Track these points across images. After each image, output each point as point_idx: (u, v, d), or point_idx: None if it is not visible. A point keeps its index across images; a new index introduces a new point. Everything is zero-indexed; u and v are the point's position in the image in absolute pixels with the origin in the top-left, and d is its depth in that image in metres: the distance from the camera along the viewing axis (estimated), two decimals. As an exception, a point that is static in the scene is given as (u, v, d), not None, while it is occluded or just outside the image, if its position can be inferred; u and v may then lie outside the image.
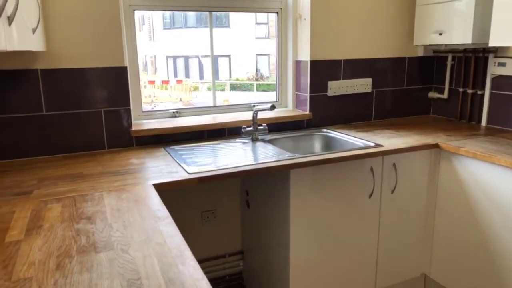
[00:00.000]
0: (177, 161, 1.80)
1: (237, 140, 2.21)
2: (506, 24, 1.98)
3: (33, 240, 1.09)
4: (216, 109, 2.44)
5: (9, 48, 1.06)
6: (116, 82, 2.01)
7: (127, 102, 2.05)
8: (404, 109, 2.75)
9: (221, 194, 2.35)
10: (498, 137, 2.17)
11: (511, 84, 2.30)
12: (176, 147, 2.04)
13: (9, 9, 1.03)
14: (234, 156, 1.94)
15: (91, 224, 1.17)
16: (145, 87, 9.92)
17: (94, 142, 2.01)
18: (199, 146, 2.09)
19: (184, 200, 2.26)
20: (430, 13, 2.43)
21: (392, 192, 2.05)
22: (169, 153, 1.94)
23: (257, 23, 12.75)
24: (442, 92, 2.71)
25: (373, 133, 2.30)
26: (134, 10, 2.13)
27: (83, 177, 1.62)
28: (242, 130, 2.20)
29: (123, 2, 2.04)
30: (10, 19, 1.03)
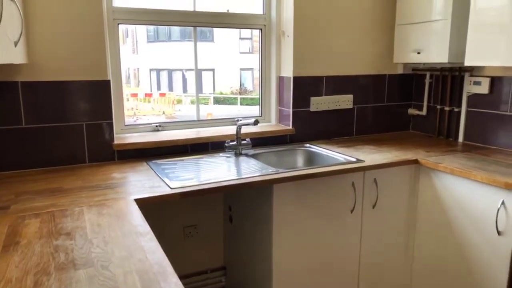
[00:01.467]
0: (160, 175, 1.79)
1: (221, 154, 2.21)
2: (480, 44, 2.06)
3: (10, 256, 1.06)
4: (199, 123, 2.44)
5: (-10, 61, 1.04)
6: (98, 96, 1.99)
7: (109, 116, 2.04)
8: (384, 125, 2.81)
9: (203, 209, 2.34)
10: (474, 153, 2.23)
11: (486, 102, 2.39)
12: (159, 161, 2.03)
13: (-9, 22, 1.02)
14: (217, 171, 1.94)
15: (71, 240, 1.15)
16: (128, 99, 9.83)
17: (75, 156, 1.98)
18: (182, 160, 2.08)
19: (166, 215, 2.24)
20: (409, 33, 2.52)
21: (374, 207, 2.08)
22: (151, 168, 1.92)
23: (241, 38, 12.88)
24: (421, 109, 2.79)
25: (355, 149, 2.34)
26: (119, 24, 2.13)
27: (63, 191, 1.59)
28: (226, 144, 2.21)
29: (107, 16, 2.04)
30: (-8, 32, 1.02)
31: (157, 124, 2.32)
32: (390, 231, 2.18)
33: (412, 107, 2.86)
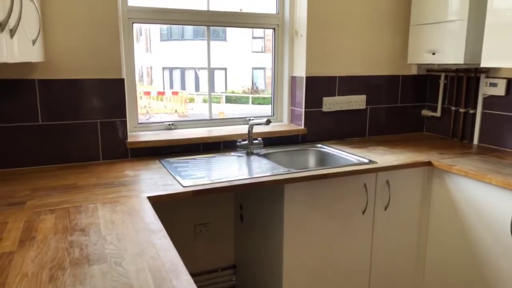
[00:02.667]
0: (172, 173, 1.80)
1: (232, 153, 2.22)
2: (497, 45, 2.03)
3: (26, 251, 1.08)
4: (212, 122, 2.46)
5: (11, 60, 1.07)
6: (113, 94, 2.02)
7: (123, 114, 2.06)
8: (397, 126, 2.78)
9: (214, 207, 2.35)
10: (489, 156, 2.20)
11: (502, 104, 2.35)
12: (171, 160, 2.05)
13: (11, 22, 1.05)
14: (229, 169, 1.95)
15: (85, 236, 1.17)
16: (141, 97, 9.92)
17: (89, 153, 2.01)
18: (195, 159, 2.10)
19: (178, 213, 2.26)
20: (424, 33, 2.49)
21: (386, 208, 2.07)
22: (164, 166, 1.94)
23: (253, 37, 12.88)
24: (435, 110, 2.75)
25: (367, 150, 2.32)
26: (133, 23, 2.15)
27: (78, 188, 1.62)
28: (237, 143, 2.21)
29: (122, 15, 2.07)
30: (12, 32, 1.05)
31: (170, 123, 2.34)
32: (402, 233, 2.16)
33: (426, 108, 2.83)
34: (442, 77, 2.68)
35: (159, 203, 1.53)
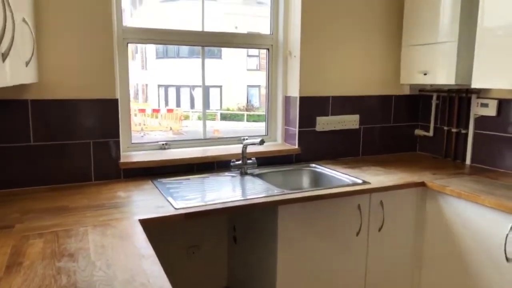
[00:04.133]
0: (164, 195, 1.79)
1: (226, 173, 2.21)
2: (487, 66, 2.06)
3: (12, 278, 1.06)
4: (206, 141, 2.45)
5: (2, 84, 1.06)
6: (106, 114, 2.01)
7: (116, 134, 2.05)
8: (391, 146, 2.79)
9: (208, 228, 2.32)
10: (482, 176, 2.21)
11: (493, 124, 2.37)
12: (164, 180, 2.03)
13: (4, 46, 1.04)
14: (222, 190, 1.94)
15: (73, 262, 1.14)
16: (136, 115, 9.92)
17: (81, 174, 1.99)
18: (188, 179, 2.08)
19: (170, 234, 2.23)
20: (415, 54, 2.53)
21: (380, 230, 2.05)
22: (156, 187, 1.92)
23: (248, 55, 13.02)
24: (427, 130, 2.77)
25: (361, 170, 2.32)
26: (128, 43, 2.17)
27: (68, 210, 1.59)
28: (231, 163, 2.21)
29: (117, 35, 2.08)
30: (4, 56, 1.04)
31: (164, 143, 2.33)
32: (396, 255, 2.14)
33: (419, 128, 2.85)
34: (434, 97, 2.71)
35: (150, 225, 1.51)
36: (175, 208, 1.62)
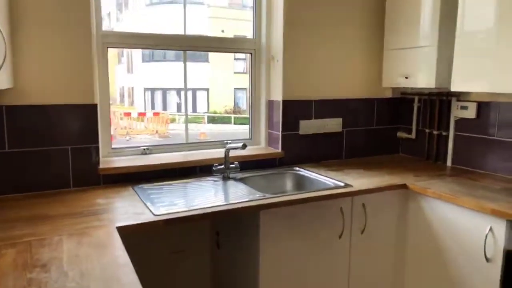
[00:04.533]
0: (144, 201, 1.76)
1: (208, 178, 2.19)
2: (466, 70, 2.09)
3: (-20, 291, 1.02)
4: (188, 146, 2.43)
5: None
6: (85, 119, 1.98)
7: (95, 140, 2.02)
8: (374, 148, 2.81)
9: (190, 234, 2.30)
10: (462, 178, 2.23)
11: (473, 126, 2.41)
12: (145, 186, 2.00)
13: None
14: (204, 196, 1.92)
15: (45, 273, 1.11)
16: (121, 119, 9.83)
17: (59, 181, 1.95)
18: (170, 184, 2.06)
19: (153, 240, 2.19)
20: (397, 58, 2.55)
21: (362, 232, 2.06)
22: (136, 193, 1.89)
23: (235, 59, 13.02)
24: (410, 132, 2.80)
25: (344, 172, 2.33)
26: (108, 47, 2.14)
27: (44, 218, 1.56)
28: (214, 168, 2.19)
29: (96, 40, 2.05)
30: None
31: (145, 147, 2.30)
32: (379, 257, 2.15)
33: (401, 130, 2.87)
34: (416, 100, 2.73)
35: (129, 233, 1.48)
36: (154, 215, 1.60)
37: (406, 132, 2.83)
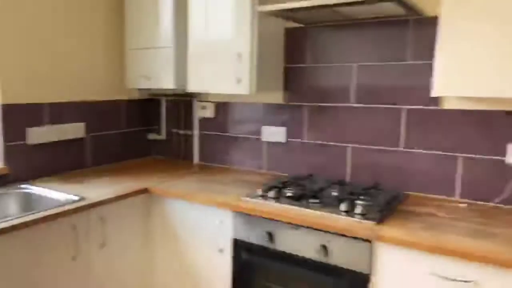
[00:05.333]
0: None
1: None
2: (198, 73, 2.19)
3: None
4: None
5: None
6: None
7: None
8: (124, 153, 2.68)
9: None
10: (205, 174, 2.36)
11: (212, 125, 2.58)
12: None
13: None
14: None
15: None
16: None
17: None
18: None
19: None
20: (138, 58, 2.47)
21: (102, 247, 1.89)
22: None
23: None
24: (160, 133, 2.80)
25: (84, 184, 2.10)
26: None
27: None
28: None
29: None
30: None
31: None
32: (125, 267, 2.03)
33: (152, 132, 2.84)
34: (163, 101, 2.75)
35: None
36: None
37: (156, 133, 2.82)
